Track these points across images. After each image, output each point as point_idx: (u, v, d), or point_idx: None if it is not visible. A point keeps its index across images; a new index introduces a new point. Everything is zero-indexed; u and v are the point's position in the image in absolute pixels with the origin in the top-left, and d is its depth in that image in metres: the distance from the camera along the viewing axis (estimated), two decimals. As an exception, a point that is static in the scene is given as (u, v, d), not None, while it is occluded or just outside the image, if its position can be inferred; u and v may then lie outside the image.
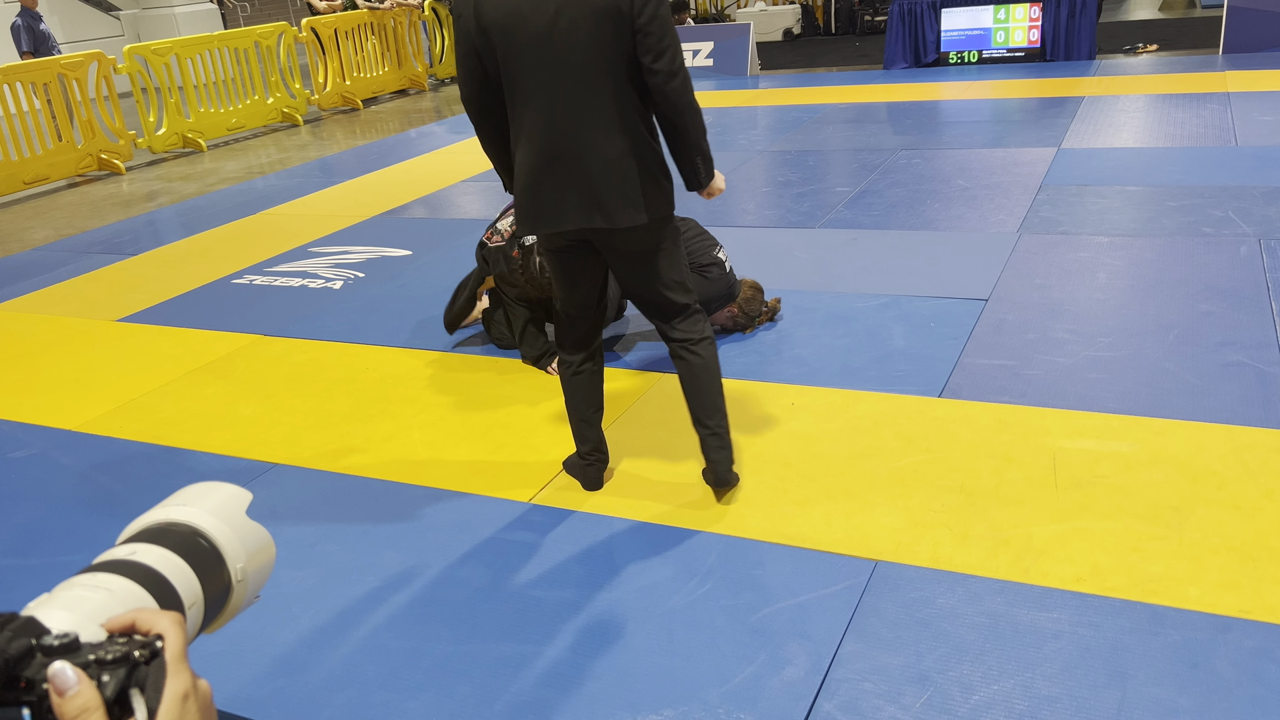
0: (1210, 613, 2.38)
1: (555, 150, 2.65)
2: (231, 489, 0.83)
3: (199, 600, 0.74)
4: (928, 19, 10.75)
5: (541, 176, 2.68)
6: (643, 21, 2.54)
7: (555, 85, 2.59)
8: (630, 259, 2.80)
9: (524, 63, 2.59)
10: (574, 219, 2.70)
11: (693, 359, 2.91)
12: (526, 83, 2.61)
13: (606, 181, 2.65)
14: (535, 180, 2.69)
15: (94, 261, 6.35)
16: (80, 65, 9.20)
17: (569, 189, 2.67)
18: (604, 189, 2.66)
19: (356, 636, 2.58)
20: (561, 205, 2.69)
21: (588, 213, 2.68)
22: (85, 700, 0.58)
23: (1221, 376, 3.50)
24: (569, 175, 2.66)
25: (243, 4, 18.90)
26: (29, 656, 0.59)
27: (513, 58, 2.59)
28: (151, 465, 3.62)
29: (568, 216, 2.70)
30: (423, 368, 4.22)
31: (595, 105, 2.61)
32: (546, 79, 2.59)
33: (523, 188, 2.73)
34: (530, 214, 2.75)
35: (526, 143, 2.68)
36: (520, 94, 2.63)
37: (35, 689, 0.59)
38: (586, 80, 2.58)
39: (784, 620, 2.48)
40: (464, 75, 2.70)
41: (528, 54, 2.58)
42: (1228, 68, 9.15)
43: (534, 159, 2.68)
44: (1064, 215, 5.41)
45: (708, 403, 2.93)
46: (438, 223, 6.51)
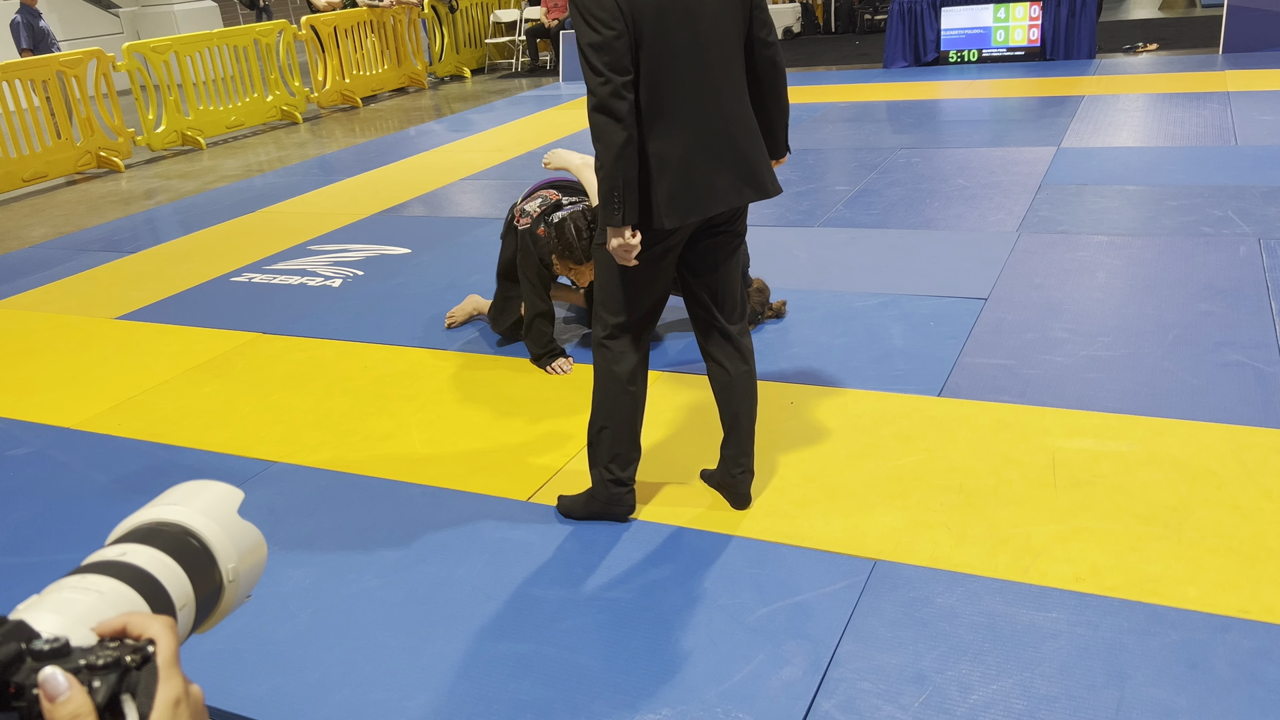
0: (1209, 613, 2.38)
1: (709, 129, 2.58)
2: (223, 487, 0.82)
3: (190, 601, 0.74)
4: (928, 18, 10.74)
5: (695, 160, 2.57)
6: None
7: (702, 63, 2.54)
8: (733, 244, 2.76)
9: (676, 40, 2.50)
10: (726, 199, 2.63)
11: (741, 367, 2.84)
12: (676, 62, 2.51)
13: (758, 153, 2.67)
14: (687, 165, 2.57)
15: (92, 259, 6.35)
16: (79, 63, 9.19)
17: (720, 168, 2.60)
18: (757, 161, 2.66)
19: (354, 635, 2.58)
20: (714, 187, 2.61)
21: (739, 190, 2.64)
22: (76, 706, 0.58)
23: (1220, 376, 3.50)
24: (721, 153, 2.60)
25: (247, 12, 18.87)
26: (18, 661, 0.58)
27: (665, 37, 2.49)
28: (149, 463, 3.61)
29: (720, 198, 2.62)
30: (421, 366, 4.22)
31: (735, 79, 2.61)
32: (696, 57, 2.53)
33: (671, 179, 2.56)
34: (682, 202, 2.58)
35: (672, 128, 2.55)
36: (667, 76, 2.52)
37: (25, 695, 0.58)
38: (727, 56, 2.58)
39: (782, 619, 2.48)
40: (614, 61, 2.44)
41: (679, 32, 2.50)
42: (1228, 67, 9.15)
43: (686, 142, 2.56)
44: (1063, 215, 5.41)
45: (749, 425, 2.89)
46: (437, 221, 6.51)
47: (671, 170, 2.56)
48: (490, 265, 5.44)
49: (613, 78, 2.45)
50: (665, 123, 2.55)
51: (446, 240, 6.02)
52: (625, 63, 2.45)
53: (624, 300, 2.72)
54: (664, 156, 2.56)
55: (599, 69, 2.44)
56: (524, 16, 14.10)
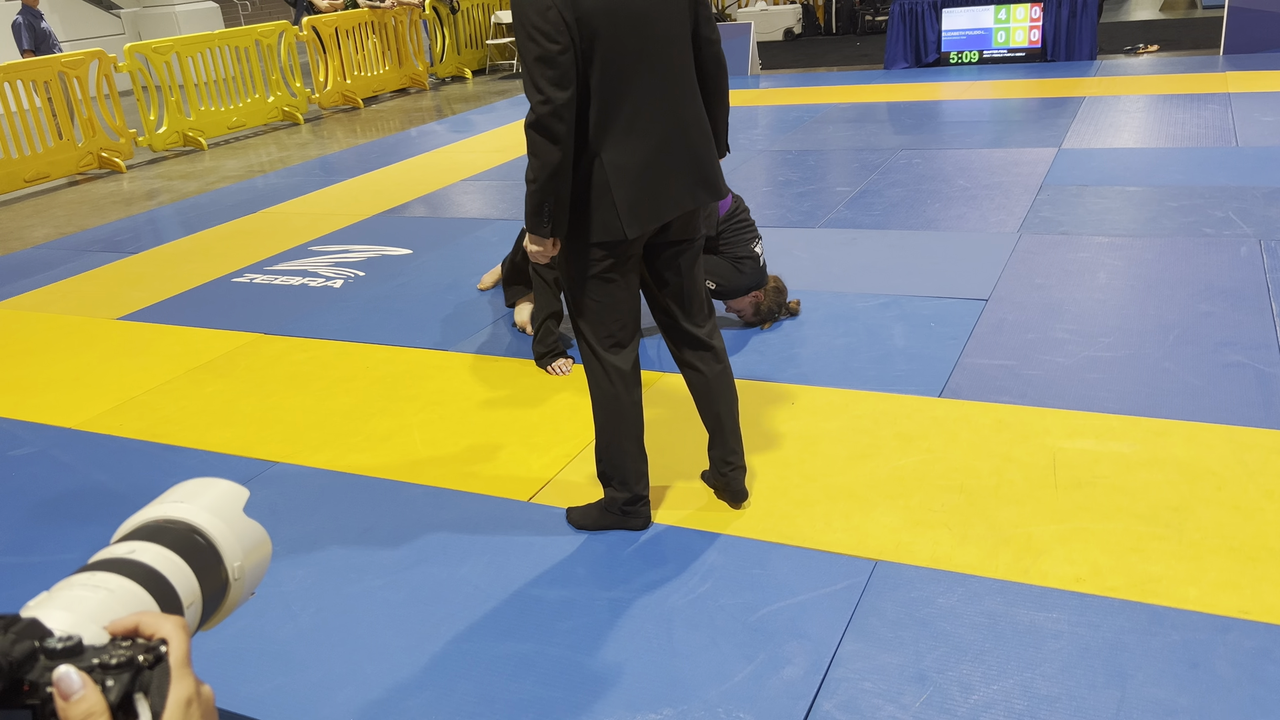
0: (1210, 613, 2.38)
1: (665, 135, 2.55)
2: (227, 485, 0.83)
3: (197, 599, 0.74)
4: (928, 19, 10.75)
5: (651, 167, 2.55)
6: None
7: (655, 68, 2.51)
8: (693, 246, 2.73)
9: (628, 49, 2.46)
10: (681, 202, 2.61)
11: (716, 367, 2.82)
12: (628, 70, 2.47)
13: (709, 154, 2.66)
14: (642, 173, 2.54)
15: (94, 260, 6.35)
16: (81, 63, 9.20)
17: (674, 173, 2.58)
18: (709, 162, 2.65)
19: (356, 635, 2.58)
20: (669, 192, 2.59)
21: (693, 192, 2.63)
22: (91, 704, 0.58)
23: (1221, 377, 3.51)
24: (677, 157, 2.58)
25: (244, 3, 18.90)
26: (32, 659, 0.59)
27: (617, 46, 2.44)
28: (151, 463, 3.62)
29: (676, 201, 2.60)
30: (422, 366, 4.23)
31: (686, 81, 2.59)
32: (647, 63, 2.49)
33: (631, 185, 2.52)
34: (643, 210, 2.55)
35: (627, 138, 2.51)
36: (621, 85, 2.47)
37: (39, 692, 0.58)
38: (677, 57, 2.55)
39: (783, 619, 2.48)
40: (558, 77, 2.40)
41: (631, 38, 2.45)
42: (1229, 68, 9.15)
43: (644, 150, 2.53)
44: (1064, 215, 5.41)
45: (733, 424, 2.87)
46: (438, 221, 6.51)
47: (631, 179, 2.52)
48: (491, 265, 5.44)
49: (554, 96, 2.40)
50: (621, 132, 2.51)
51: (448, 241, 6.03)
52: (569, 78, 2.40)
53: (600, 315, 2.67)
54: (622, 166, 2.52)
55: (541, 86, 2.40)
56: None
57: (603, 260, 2.60)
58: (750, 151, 7.61)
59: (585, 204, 2.55)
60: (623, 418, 2.76)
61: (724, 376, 2.86)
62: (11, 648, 0.58)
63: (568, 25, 2.38)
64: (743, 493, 2.96)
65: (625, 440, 2.78)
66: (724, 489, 2.96)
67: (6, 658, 0.58)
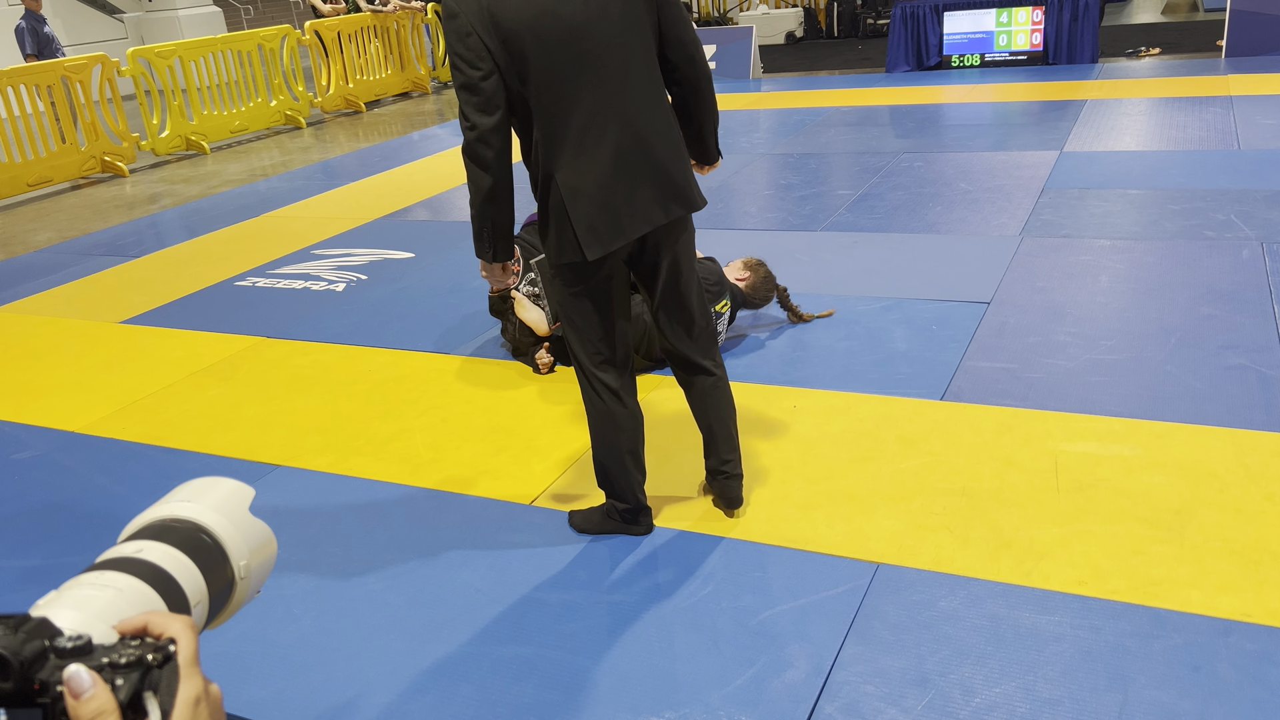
0: (1212, 616, 2.38)
1: (621, 148, 2.43)
2: (233, 484, 0.83)
3: (204, 597, 0.75)
4: (930, 22, 10.75)
5: (609, 183, 2.43)
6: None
7: (602, 80, 2.39)
8: (676, 257, 2.62)
9: (563, 65, 2.35)
10: (650, 217, 2.48)
11: (708, 380, 2.76)
12: (567, 86, 2.37)
13: (677, 165, 2.52)
14: (601, 191, 2.43)
15: (97, 264, 6.36)
16: (84, 68, 9.22)
17: (640, 186, 2.46)
18: (677, 173, 2.51)
19: (357, 638, 2.59)
20: (634, 208, 2.46)
21: (663, 205, 2.49)
22: (101, 703, 0.59)
23: (1223, 380, 3.50)
24: (638, 170, 2.45)
25: (246, 7, 18.94)
26: (43, 658, 0.59)
27: (548, 64, 2.34)
28: (154, 467, 3.62)
29: (642, 217, 2.47)
30: (425, 370, 4.23)
31: (642, 89, 2.45)
32: (590, 75, 2.37)
33: (586, 207, 2.44)
34: (603, 230, 2.45)
35: (578, 157, 2.42)
36: (563, 103, 2.38)
37: (50, 691, 0.59)
38: (630, 66, 2.42)
39: (785, 623, 2.48)
40: (483, 102, 2.36)
41: (565, 54, 2.35)
42: (1230, 71, 9.15)
43: (599, 170, 2.42)
44: (1066, 218, 5.41)
45: (725, 432, 2.83)
46: (440, 225, 6.52)
47: (586, 198, 2.44)
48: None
49: (479, 122, 2.37)
50: (570, 151, 2.42)
51: (450, 244, 6.03)
52: (495, 104, 2.36)
53: (584, 332, 2.62)
54: (575, 186, 2.43)
55: (466, 112, 2.38)
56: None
57: (575, 282, 2.56)
58: (752, 155, 7.62)
59: (547, 226, 2.52)
60: (615, 431, 2.72)
61: (716, 388, 2.79)
62: (22, 647, 0.59)
63: (489, 50, 2.32)
64: (737, 500, 2.92)
65: (619, 453, 2.75)
66: (718, 495, 2.94)
67: (17, 657, 0.58)
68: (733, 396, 2.86)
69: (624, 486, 2.80)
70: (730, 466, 2.89)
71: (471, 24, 2.31)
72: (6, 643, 0.58)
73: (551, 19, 2.32)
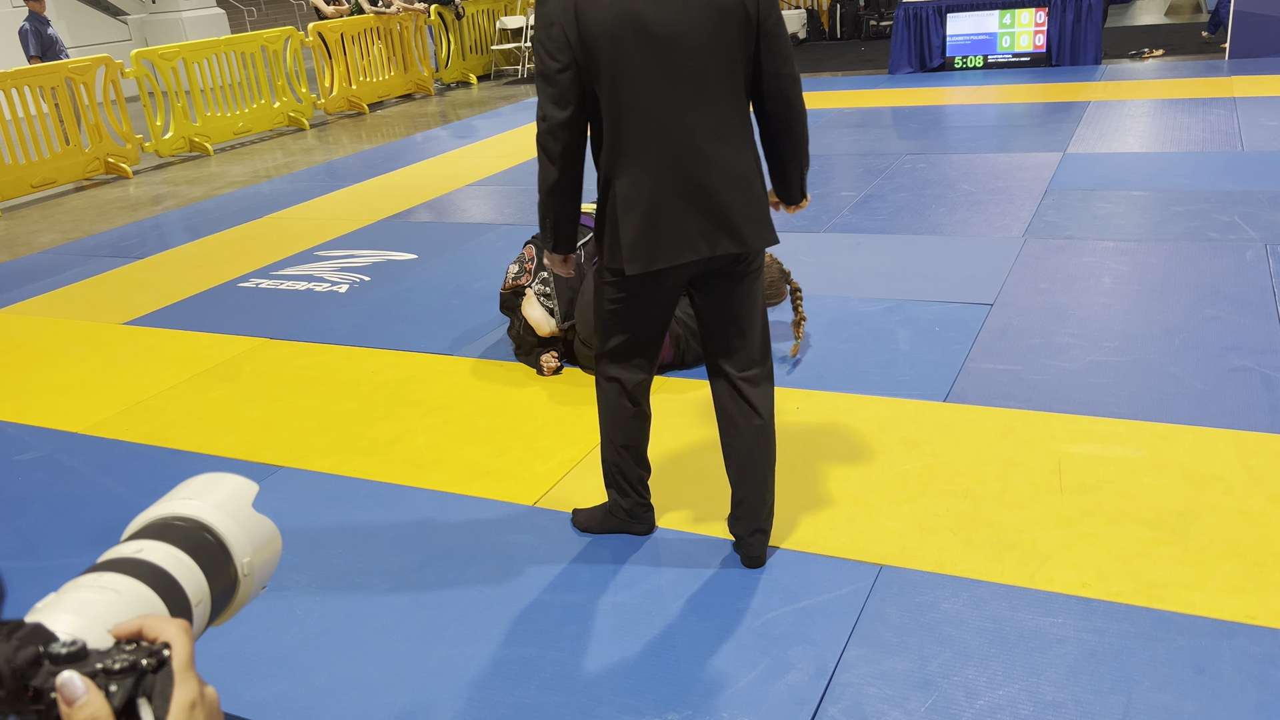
0: (1216, 618, 2.38)
1: (679, 171, 2.35)
2: (237, 480, 0.83)
3: (205, 597, 0.75)
4: (933, 24, 10.75)
5: (661, 204, 2.36)
6: (770, 25, 2.35)
7: (675, 97, 2.31)
8: (733, 287, 2.51)
9: (639, 74, 2.28)
10: (696, 248, 2.38)
11: (754, 421, 2.58)
12: (640, 96, 2.30)
13: (738, 200, 2.39)
14: (651, 209, 2.36)
15: (100, 265, 6.37)
16: (88, 69, 9.23)
17: (690, 214, 2.37)
18: (735, 209, 2.38)
19: (360, 639, 2.59)
20: (682, 234, 2.37)
21: (713, 239, 2.38)
22: (94, 710, 0.58)
23: (1227, 382, 3.50)
24: (692, 198, 2.36)
25: (250, 9, 18.96)
26: (37, 665, 0.59)
27: (624, 69, 2.28)
28: (157, 468, 3.62)
29: (689, 246, 2.38)
30: (428, 371, 4.23)
31: (720, 116, 2.35)
32: (666, 90, 2.30)
33: (635, 220, 2.38)
34: (645, 249, 2.38)
35: (635, 168, 2.36)
36: (630, 111, 2.32)
37: (43, 698, 0.59)
38: (711, 90, 2.32)
39: (788, 625, 2.48)
40: (558, 95, 2.32)
41: (644, 64, 2.28)
42: (1234, 73, 9.14)
43: (650, 185, 2.36)
44: (1069, 220, 5.41)
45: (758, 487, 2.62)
46: (443, 226, 6.52)
47: (636, 213, 2.38)
48: (496, 270, 5.46)
49: (550, 114, 2.35)
50: (629, 161, 2.37)
51: (453, 246, 6.04)
52: (569, 98, 2.32)
53: (610, 329, 2.60)
54: (629, 197, 2.38)
55: (541, 102, 2.37)
56: (530, 23, 14.13)
57: (617, 286, 2.52)
58: (755, 156, 7.61)
59: (601, 227, 2.49)
60: (619, 427, 2.71)
61: (760, 434, 2.60)
62: (15, 653, 0.58)
63: (570, 44, 2.28)
64: (760, 560, 2.71)
65: (621, 448, 2.74)
66: (742, 550, 2.73)
67: (10, 663, 0.58)
68: (775, 442, 2.66)
69: (625, 480, 2.79)
70: (758, 521, 2.67)
71: (557, 14, 2.29)
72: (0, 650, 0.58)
73: (637, 27, 2.26)
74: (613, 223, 2.44)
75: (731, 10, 2.29)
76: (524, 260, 4.17)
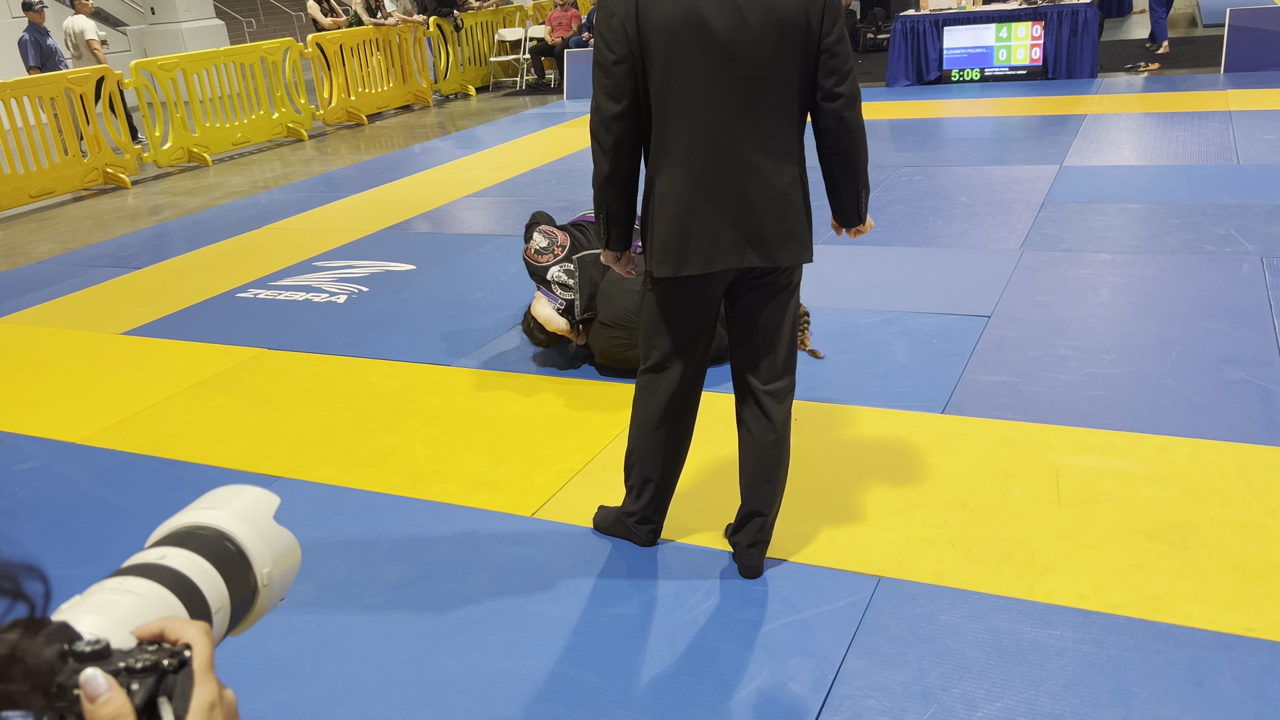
0: (1214, 630, 2.38)
1: (717, 177, 2.33)
2: (258, 492, 0.84)
3: (225, 604, 0.76)
4: (930, 37, 10.80)
5: (696, 208, 2.35)
6: (830, 40, 2.30)
7: (725, 104, 2.29)
8: (773, 299, 2.49)
9: (693, 76, 2.26)
10: (727, 258, 2.37)
11: (768, 436, 2.57)
12: (690, 100, 2.29)
13: (772, 215, 2.37)
14: (686, 212, 2.35)
15: (99, 275, 6.37)
16: (87, 80, 9.25)
17: (724, 223, 2.35)
18: (769, 223, 2.36)
19: (358, 650, 2.58)
20: (715, 242, 2.36)
21: (741, 250, 2.37)
22: (116, 707, 0.60)
23: (1224, 394, 3.51)
24: (726, 207, 2.35)
25: (249, 20, 19.02)
26: (61, 662, 0.60)
27: (678, 69, 2.26)
28: (155, 478, 3.62)
29: (721, 254, 2.37)
30: (426, 382, 4.23)
31: (768, 129, 2.33)
32: (717, 96, 2.28)
33: (668, 222, 2.37)
34: (676, 251, 2.38)
35: (677, 170, 2.35)
36: (679, 112, 2.30)
37: (67, 695, 0.60)
38: (763, 101, 2.30)
39: (787, 636, 2.48)
40: (612, 87, 2.31)
41: (699, 66, 2.26)
42: (1229, 86, 9.19)
43: (688, 189, 2.34)
44: (1066, 232, 5.43)
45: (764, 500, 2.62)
46: (442, 237, 6.53)
47: (669, 213, 2.37)
48: (494, 281, 5.46)
49: (604, 105, 2.34)
50: (670, 160, 2.36)
51: (451, 257, 6.05)
52: (624, 90, 2.31)
53: (650, 328, 2.57)
54: (665, 196, 2.38)
55: (596, 93, 2.36)
56: (528, 35, 14.18)
57: (656, 288, 2.51)
58: (753, 168, 7.63)
59: (645, 225, 2.48)
60: (646, 441, 2.69)
61: (774, 448, 2.58)
62: (41, 651, 0.60)
63: (628, 37, 2.27)
64: (757, 570, 2.71)
65: (643, 461, 2.72)
66: (740, 560, 2.73)
67: (35, 660, 0.59)
68: (789, 458, 2.65)
69: (634, 480, 2.77)
70: (759, 533, 2.67)
71: (618, 6, 2.28)
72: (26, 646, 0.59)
73: (698, 28, 2.24)
74: (650, 221, 2.43)
75: (794, 24, 2.26)
76: (554, 242, 4.06)
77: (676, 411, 2.66)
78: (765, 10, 2.24)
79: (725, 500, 3.09)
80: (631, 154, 2.41)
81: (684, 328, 2.54)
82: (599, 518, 3.00)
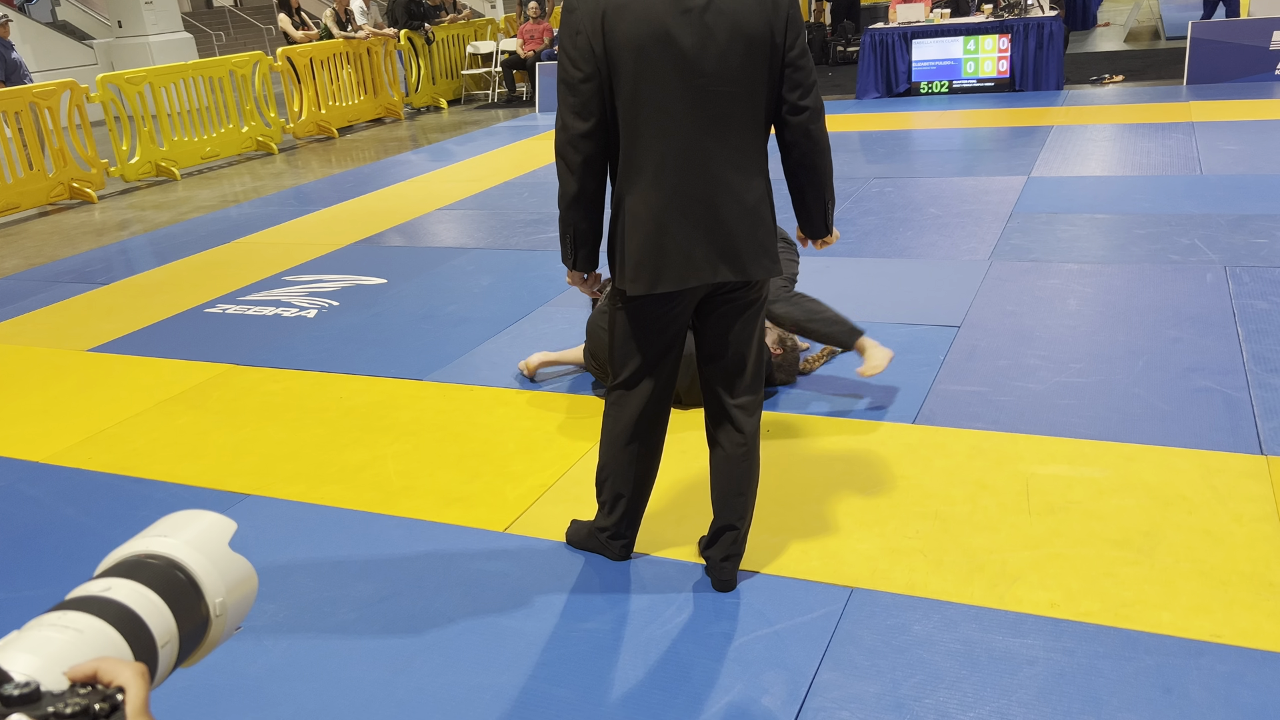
0: (1183, 637, 2.40)
1: (689, 193, 2.33)
2: (213, 518, 0.82)
3: (173, 638, 0.74)
4: (899, 50, 10.90)
5: (668, 224, 2.34)
6: (794, 55, 2.33)
7: (696, 120, 2.30)
8: (737, 315, 2.51)
9: (663, 93, 2.27)
10: (700, 273, 2.37)
11: (739, 449, 2.59)
12: (661, 117, 2.29)
13: (744, 229, 2.38)
14: (658, 229, 2.35)
15: (65, 290, 6.29)
16: (53, 94, 9.15)
17: (697, 239, 2.35)
18: (740, 237, 2.38)
19: (328, 669, 2.55)
20: (688, 258, 2.36)
21: (714, 265, 2.38)
22: None
23: (1190, 402, 3.55)
24: (698, 222, 2.35)
25: (218, 33, 18.90)
26: None
27: (649, 86, 2.26)
28: (121, 497, 3.57)
29: (694, 270, 2.37)
30: (397, 397, 4.20)
31: (737, 144, 2.34)
32: (687, 113, 2.29)
33: (641, 240, 2.37)
34: (650, 269, 2.37)
35: (649, 188, 2.34)
36: (650, 130, 2.30)
37: None
38: (731, 116, 2.31)
39: (760, 649, 2.48)
40: (579, 105, 2.30)
41: (669, 83, 2.26)
42: (1192, 98, 9.33)
43: (660, 206, 2.34)
44: (1034, 243, 5.48)
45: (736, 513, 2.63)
46: (414, 251, 6.51)
47: (642, 231, 2.36)
48: (467, 295, 5.44)
49: (570, 124, 2.32)
50: (642, 178, 2.35)
51: (423, 270, 6.02)
52: (591, 108, 2.30)
53: (623, 354, 2.57)
54: (637, 214, 2.37)
55: (561, 111, 2.34)
56: (500, 48, 14.19)
57: (625, 306, 2.50)
58: (724, 180, 7.65)
59: (612, 245, 2.47)
60: (616, 458, 2.69)
61: (744, 460, 2.60)
62: None
63: (595, 55, 2.26)
64: (730, 584, 2.71)
65: (614, 478, 2.73)
66: (713, 574, 2.73)
67: None
68: (759, 469, 2.67)
69: (606, 495, 2.76)
70: (731, 546, 2.68)
71: (584, 24, 2.26)
72: None
73: (664, 44, 2.24)
74: (620, 240, 2.42)
75: (759, 39, 2.28)
76: None
77: (647, 427, 2.65)
78: (731, 27, 2.25)
79: (698, 514, 3.08)
80: (599, 172, 2.40)
81: (654, 344, 2.54)
82: (572, 532, 2.98)
